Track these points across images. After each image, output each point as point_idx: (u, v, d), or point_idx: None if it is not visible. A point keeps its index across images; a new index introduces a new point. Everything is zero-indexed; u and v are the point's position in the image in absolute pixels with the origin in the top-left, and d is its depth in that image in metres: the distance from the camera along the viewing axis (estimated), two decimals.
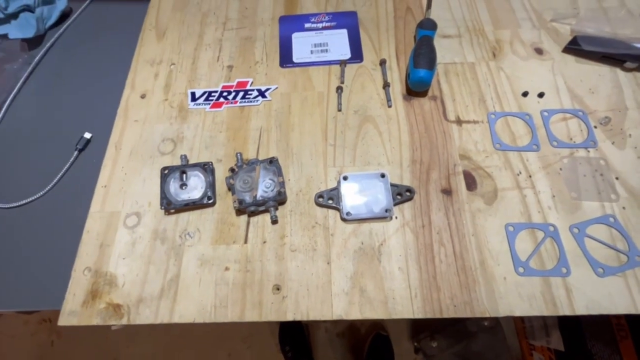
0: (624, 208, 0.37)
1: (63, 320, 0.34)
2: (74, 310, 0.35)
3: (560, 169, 0.39)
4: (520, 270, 0.35)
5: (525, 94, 0.44)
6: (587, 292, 0.34)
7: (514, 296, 0.34)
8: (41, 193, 0.43)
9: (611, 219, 0.37)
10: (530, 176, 0.39)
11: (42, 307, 0.36)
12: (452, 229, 0.37)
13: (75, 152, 0.45)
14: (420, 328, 1.05)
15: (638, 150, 0.40)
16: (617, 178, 0.39)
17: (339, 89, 0.45)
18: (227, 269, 0.36)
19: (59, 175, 0.44)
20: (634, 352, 0.76)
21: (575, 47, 0.46)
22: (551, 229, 0.37)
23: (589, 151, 0.40)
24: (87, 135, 0.46)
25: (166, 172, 0.40)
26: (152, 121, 0.45)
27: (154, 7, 0.55)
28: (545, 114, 0.43)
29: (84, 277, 0.36)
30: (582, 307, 0.33)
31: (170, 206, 0.38)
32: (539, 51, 0.47)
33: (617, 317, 0.82)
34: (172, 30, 0.53)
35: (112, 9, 0.58)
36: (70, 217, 0.40)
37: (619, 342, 0.80)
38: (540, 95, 0.44)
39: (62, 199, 0.42)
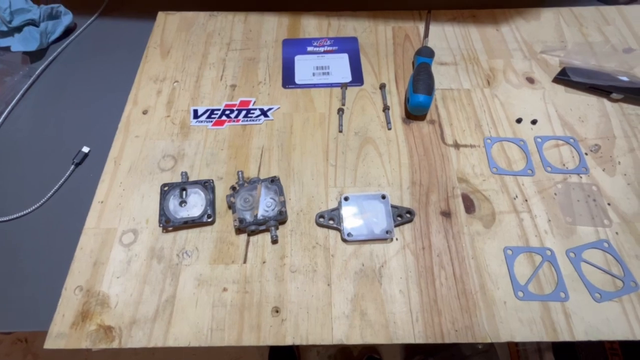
0: (617, 233, 0.38)
1: (50, 343, 0.32)
2: (62, 332, 0.33)
3: (555, 193, 0.41)
4: (520, 294, 0.35)
5: (519, 121, 0.46)
6: (585, 317, 0.34)
7: (514, 321, 0.34)
8: (33, 207, 0.42)
9: (605, 244, 0.37)
10: (526, 200, 0.40)
11: (28, 327, 0.35)
12: (452, 251, 0.37)
13: (72, 166, 0.44)
14: (414, 351, 1.03)
15: (627, 177, 0.41)
16: (609, 204, 0.40)
17: (340, 111, 0.47)
18: (225, 289, 0.35)
19: (54, 190, 0.43)
20: None
21: (564, 78, 0.48)
22: (548, 253, 0.37)
23: (581, 177, 0.42)
24: (85, 149, 0.45)
25: (166, 188, 0.40)
26: (153, 137, 0.45)
27: (159, 26, 0.57)
28: (539, 140, 0.44)
29: (75, 296, 0.35)
30: (581, 332, 0.33)
31: (168, 224, 0.38)
32: (531, 80, 0.50)
33: (610, 341, 0.82)
34: (176, 48, 0.54)
35: (117, 26, 0.59)
36: (63, 233, 0.39)
37: None
38: (533, 122, 0.46)
39: (55, 214, 0.41)
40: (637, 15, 0.56)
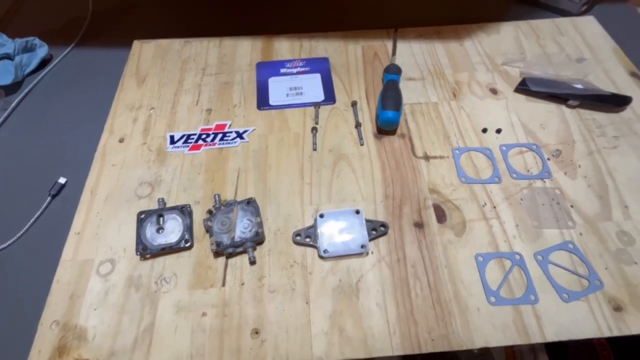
0: (580, 234, 0.40)
1: None
2: None
3: (521, 199, 0.42)
4: (492, 299, 0.36)
5: (484, 130, 0.48)
6: (555, 318, 0.35)
7: (488, 327, 0.35)
8: (9, 242, 0.41)
9: (570, 245, 0.39)
10: (494, 207, 0.42)
11: None
12: (426, 261, 0.38)
13: (49, 198, 0.44)
14: None
15: (587, 179, 0.44)
16: (572, 206, 0.42)
17: (314, 130, 0.48)
18: (204, 314, 0.35)
19: (30, 222, 0.43)
20: None
21: (525, 88, 0.51)
22: (517, 257, 0.39)
23: (545, 182, 0.44)
24: (62, 180, 0.46)
25: (143, 216, 0.40)
26: (129, 165, 0.45)
27: (135, 54, 0.58)
28: (504, 148, 0.46)
29: (51, 331, 0.35)
30: (552, 334, 0.34)
31: (146, 251, 0.38)
32: (494, 91, 0.52)
33: (604, 343, 0.84)
34: (152, 76, 0.55)
35: (93, 56, 0.60)
36: (40, 266, 0.39)
37: None
38: (498, 131, 0.48)
39: (32, 248, 0.41)
40: (588, 25, 0.59)
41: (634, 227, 0.40)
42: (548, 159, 0.45)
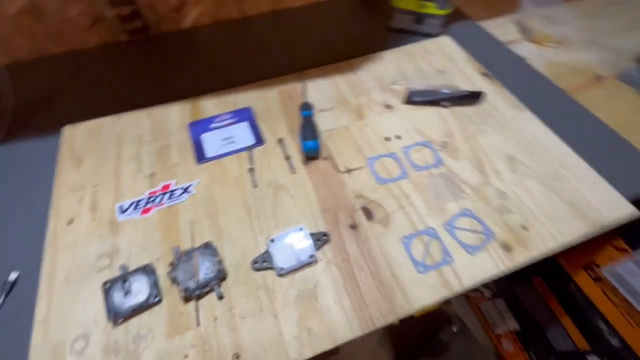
0: (472, 201, 0.52)
1: None
2: None
3: (425, 186, 0.54)
4: (420, 269, 0.45)
5: (387, 139, 0.60)
6: (467, 270, 0.45)
7: (421, 291, 0.43)
8: None
9: (467, 212, 0.51)
10: (407, 197, 0.52)
11: None
12: (365, 255, 0.47)
13: (2, 297, 0.45)
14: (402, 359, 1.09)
15: (468, 159, 0.57)
16: (462, 182, 0.54)
17: (251, 170, 0.55)
18: (186, 356, 0.39)
19: None
20: (557, 304, 0.92)
21: (410, 100, 0.65)
22: (432, 231, 0.49)
23: (439, 168, 0.56)
24: (13, 276, 0.46)
25: (107, 285, 0.43)
26: (83, 243, 0.48)
27: (67, 139, 0.61)
28: (405, 150, 0.58)
29: None
30: (468, 281, 0.44)
31: (118, 317, 0.41)
32: (389, 107, 0.65)
33: (540, 282, 0.99)
34: (89, 155, 0.58)
35: (22, 149, 0.61)
36: None
37: (548, 301, 0.96)
38: (398, 137, 0.60)
39: None
40: (446, 43, 0.77)
41: (506, 186, 0.53)
42: (439, 151, 0.58)
